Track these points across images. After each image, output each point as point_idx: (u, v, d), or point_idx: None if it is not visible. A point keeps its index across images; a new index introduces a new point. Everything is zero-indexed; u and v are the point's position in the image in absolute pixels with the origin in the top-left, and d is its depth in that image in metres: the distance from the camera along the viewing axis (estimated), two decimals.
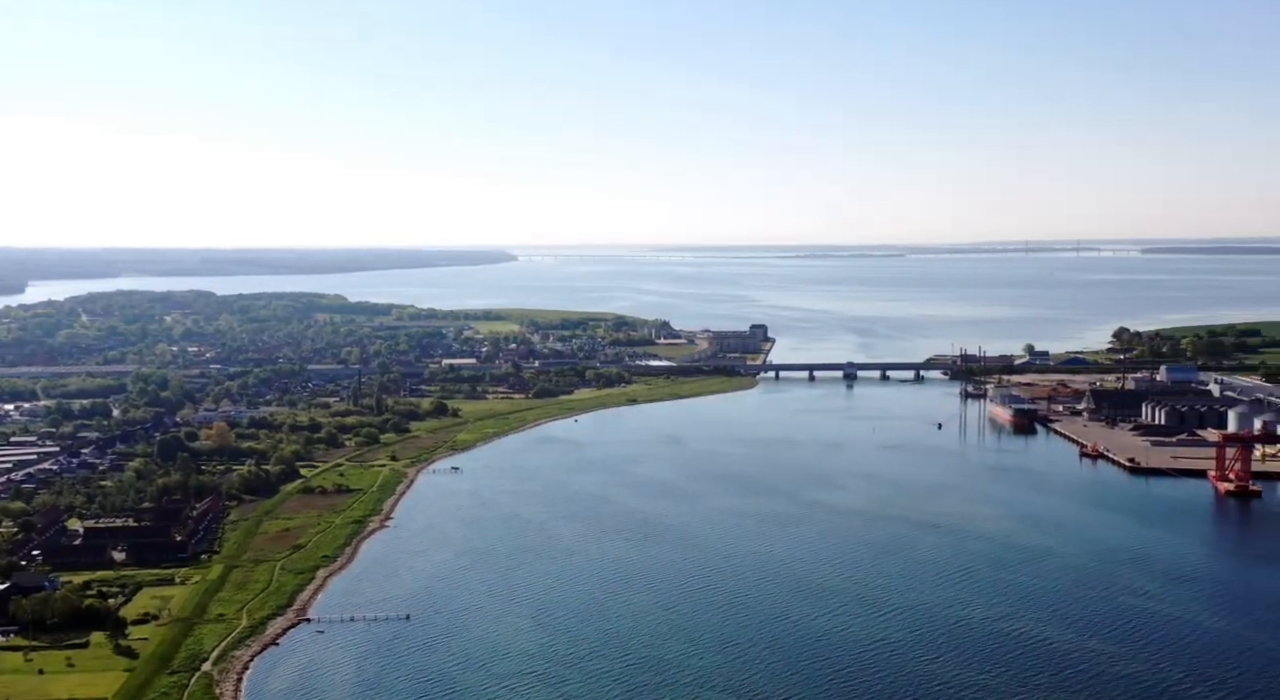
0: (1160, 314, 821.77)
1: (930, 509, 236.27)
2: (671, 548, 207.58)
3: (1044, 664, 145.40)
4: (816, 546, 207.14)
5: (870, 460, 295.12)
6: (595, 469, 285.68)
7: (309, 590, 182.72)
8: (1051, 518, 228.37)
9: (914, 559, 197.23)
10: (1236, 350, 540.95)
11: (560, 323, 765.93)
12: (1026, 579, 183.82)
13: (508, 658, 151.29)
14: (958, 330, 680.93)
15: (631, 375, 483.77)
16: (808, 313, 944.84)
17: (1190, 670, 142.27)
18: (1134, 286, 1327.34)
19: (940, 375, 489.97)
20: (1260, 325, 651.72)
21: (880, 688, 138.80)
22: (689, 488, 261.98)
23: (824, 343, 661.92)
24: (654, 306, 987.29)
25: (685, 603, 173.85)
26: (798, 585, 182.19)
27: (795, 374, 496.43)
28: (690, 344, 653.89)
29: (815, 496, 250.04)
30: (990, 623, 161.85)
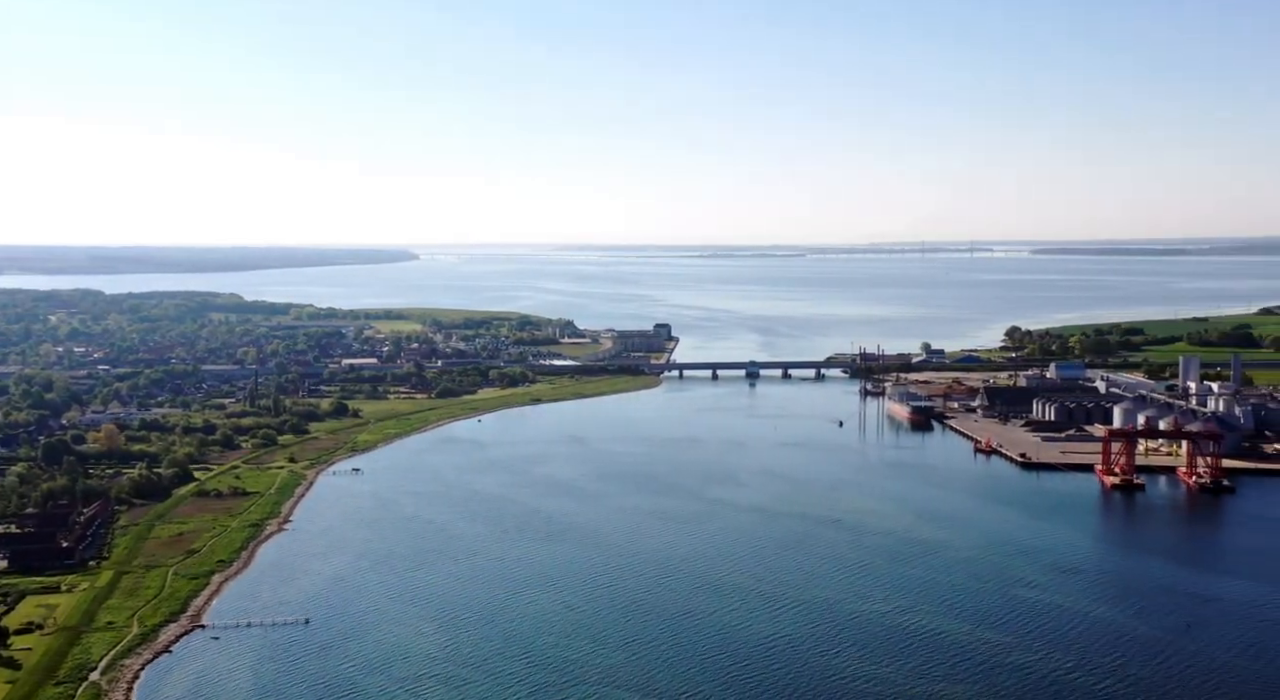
0: (1050, 313, 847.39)
1: (830, 505, 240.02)
2: (575, 547, 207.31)
3: (940, 655, 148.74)
4: (718, 543, 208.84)
5: (772, 458, 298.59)
6: (498, 469, 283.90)
7: (203, 596, 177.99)
8: (947, 512, 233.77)
9: (814, 554, 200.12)
10: (1121, 348, 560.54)
11: (463, 322, 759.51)
12: (923, 572, 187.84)
13: (409, 660, 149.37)
14: (857, 329, 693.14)
15: (536, 375, 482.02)
16: (711, 312, 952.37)
17: (1077, 658, 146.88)
18: (1025, 286, 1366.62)
19: (840, 373, 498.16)
20: (1143, 324, 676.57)
21: (781, 682, 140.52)
22: (592, 487, 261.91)
23: (727, 342, 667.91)
24: (558, 306, 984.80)
25: (588, 601, 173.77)
26: (700, 582, 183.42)
27: (698, 373, 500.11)
28: (595, 343, 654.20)
29: (718, 494, 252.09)
30: (888, 616, 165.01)
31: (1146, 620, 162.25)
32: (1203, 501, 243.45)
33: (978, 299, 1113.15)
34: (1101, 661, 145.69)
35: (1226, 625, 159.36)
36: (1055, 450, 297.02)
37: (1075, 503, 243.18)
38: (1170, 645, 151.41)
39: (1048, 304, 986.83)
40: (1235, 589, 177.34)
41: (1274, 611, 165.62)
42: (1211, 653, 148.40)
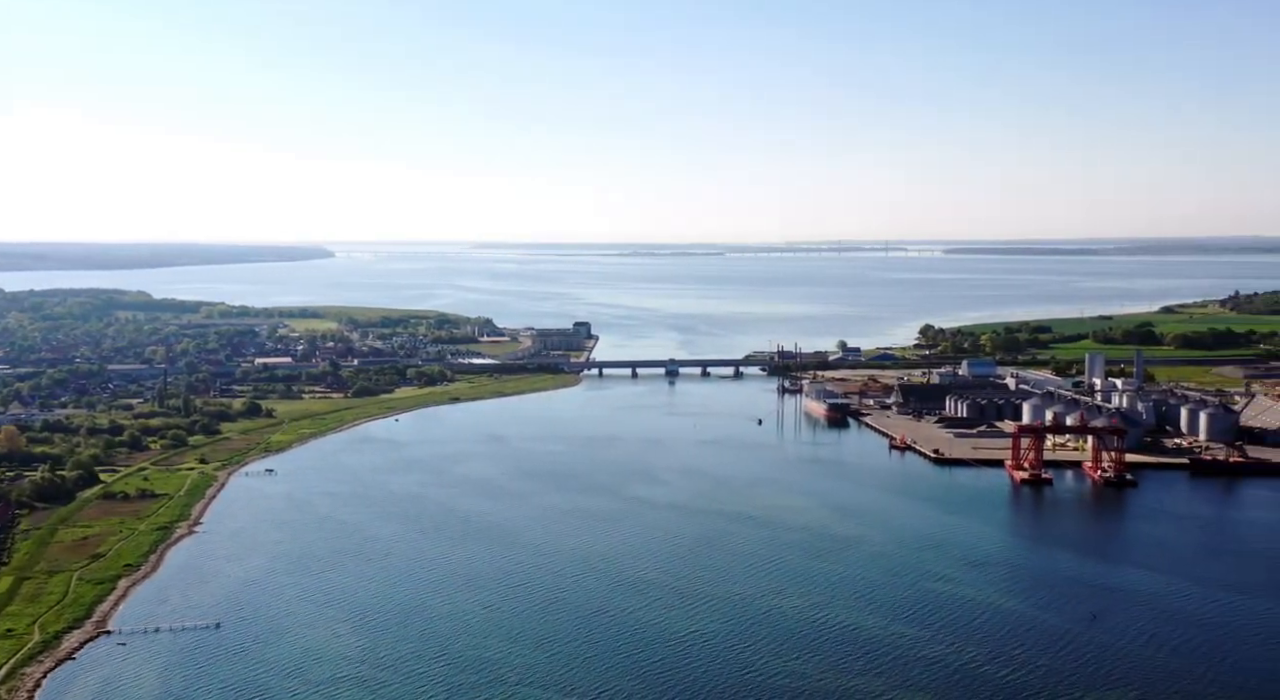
0: (962, 312, 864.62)
1: (748, 502, 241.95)
2: (492, 546, 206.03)
3: (855, 649, 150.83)
4: (636, 541, 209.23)
5: (690, 455, 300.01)
6: (416, 468, 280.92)
7: (109, 601, 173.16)
8: (863, 508, 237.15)
9: (731, 551, 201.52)
10: (1030, 346, 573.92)
11: (380, 321, 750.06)
12: (839, 567, 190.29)
13: (324, 663, 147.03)
14: (775, 328, 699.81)
15: (454, 373, 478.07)
16: (630, 310, 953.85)
17: (988, 650, 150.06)
18: (938, 286, 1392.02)
19: (759, 371, 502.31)
20: (1051, 322, 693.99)
21: (697, 678, 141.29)
22: (511, 486, 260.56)
23: (646, 340, 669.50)
24: (477, 304, 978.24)
25: (506, 601, 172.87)
26: (617, 580, 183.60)
27: (618, 371, 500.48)
28: (514, 341, 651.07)
29: (636, 492, 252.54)
30: (804, 611, 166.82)
31: (1053, 611, 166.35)
32: (1107, 495, 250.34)
33: (892, 298, 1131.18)
34: (1010, 652, 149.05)
35: (1128, 615, 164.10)
36: (967, 446, 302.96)
37: (986, 497, 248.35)
38: (1076, 635, 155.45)
39: (960, 303, 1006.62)
40: (1137, 579, 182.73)
41: (1172, 601, 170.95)
42: (1114, 642, 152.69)
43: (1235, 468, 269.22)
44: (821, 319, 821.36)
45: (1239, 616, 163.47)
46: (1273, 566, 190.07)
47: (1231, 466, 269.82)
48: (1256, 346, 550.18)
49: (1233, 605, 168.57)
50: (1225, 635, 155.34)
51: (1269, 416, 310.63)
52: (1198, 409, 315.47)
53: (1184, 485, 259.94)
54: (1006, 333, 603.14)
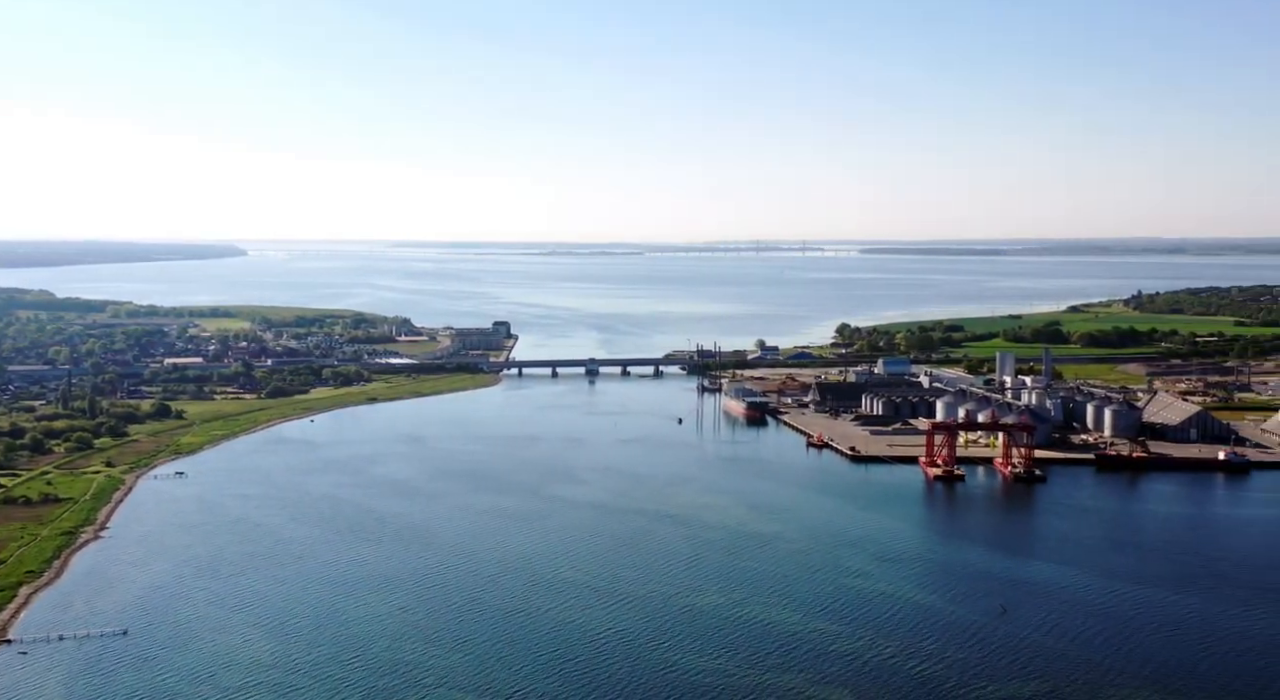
0: (878, 311, 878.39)
1: (667, 500, 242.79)
2: (409, 547, 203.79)
3: (772, 645, 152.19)
4: (556, 540, 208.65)
5: (611, 454, 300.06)
6: (332, 470, 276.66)
7: (10, 609, 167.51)
8: (781, 505, 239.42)
9: (651, 550, 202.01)
10: (943, 344, 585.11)
11: (295, 320, 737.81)
12: (757, 564, 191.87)
13: (236, 669, 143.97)
14: (694, 326, 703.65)
15: (371, 374, 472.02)
16: (550, 310, 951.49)
17: (902, 644, 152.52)
18: (854, 285, 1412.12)
19: (679, 370, 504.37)
20: (963, 321, 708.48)
21: (615, 676, 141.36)
22: (429, 486, 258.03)
23: (566, 339, 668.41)
24: (394, 303, 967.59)
25: (423, 602, 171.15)
26: (536, 580, 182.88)
27: (538, 371, 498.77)
28: (432, 341, 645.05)
29: (556, 491, 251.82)
30: (723, 608, 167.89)
31: (965, 604, 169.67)
32: (1017, 490, 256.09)
33: (810, 297, 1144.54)
34: (923, 646, 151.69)
35: (1036, 607, 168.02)
36: (883, 443, 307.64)
37: (901, 493, 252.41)
38: (986, 628, 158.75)
39: (876, 302, 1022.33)
40: (1045, 572, 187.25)
41: (1077, 593, 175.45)
42: (1023, 634, 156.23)
43: (1138, 463, 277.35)
44: (740, 318, 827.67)
45: (1140, 607, 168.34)
46: (1172, 558, 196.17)
47: (1135, 461, 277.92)
48: (1158, 345, 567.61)
49: (1134, 596, 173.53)
50: (1127, 625, 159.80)
51: (1170, 413, 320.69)
52: (1103, 406, 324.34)
53: (1090, 480, 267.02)
54: (921, 332, 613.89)
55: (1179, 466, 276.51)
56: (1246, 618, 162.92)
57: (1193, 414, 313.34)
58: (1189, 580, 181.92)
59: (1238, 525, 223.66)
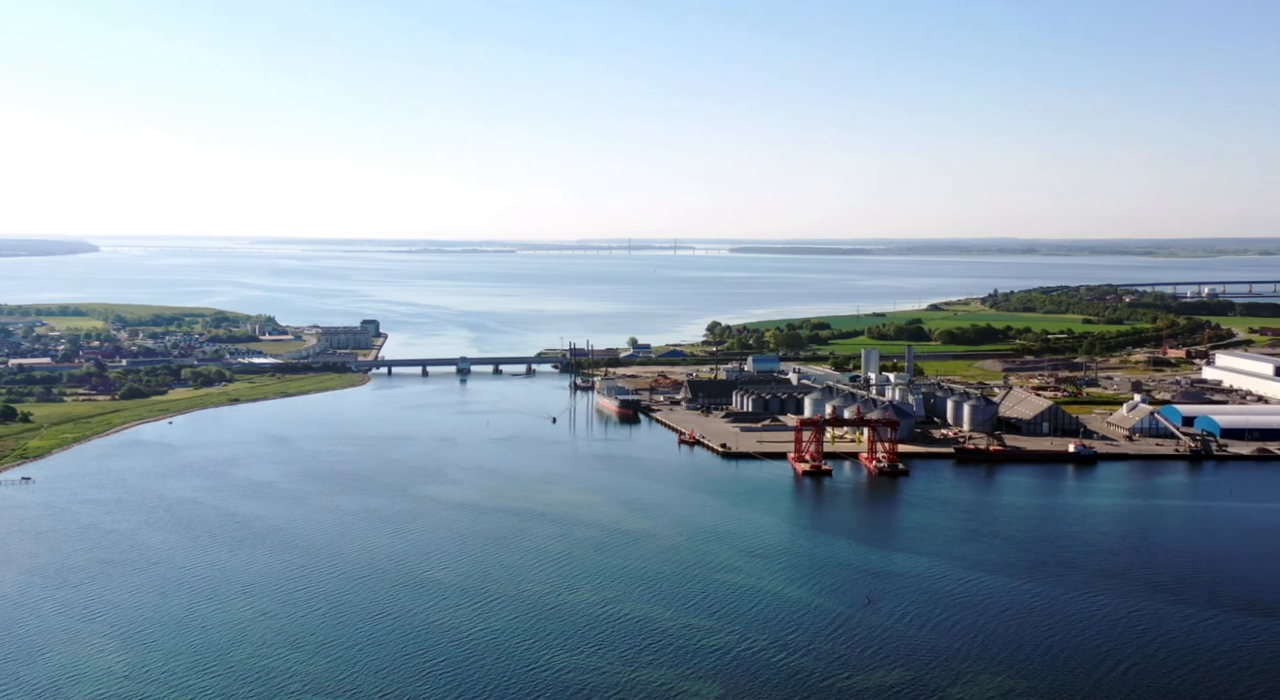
0: (747, 309, 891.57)
1: (539, 499, 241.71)
2: (272, 551, 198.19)
3: (645, 641, 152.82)
4: (426, 541, 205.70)
5: (483, 453, 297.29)
6: (191, 473, 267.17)
7: None
8: (653, 502, 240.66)
9: (523, 548, 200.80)
10: (811, 342, 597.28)
11: (152, 319, 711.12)
12: (629, 562, 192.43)
13: (89, 681, 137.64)
14: (567, 324, 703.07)
15: (234, 374, 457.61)
16: (420, 308, 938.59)
17: (771, 637, 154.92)
18: (724, 283, 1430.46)
19: (551, 369, 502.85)
20: (830, 319, 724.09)
21: (487, 676, 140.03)
22: (294, 488, 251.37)
23: (437, 338, 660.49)
24: (258, 301, 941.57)
25: (286, 607, 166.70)
26: (404, 580, 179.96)
27: (408, 370, 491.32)
28: (298, 340, 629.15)
29: (426, 491, 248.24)
30: (596, 606, 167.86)
31: (832, 596, 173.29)
32: (881, 484, 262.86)
33: (681, 295, 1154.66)
34: (791, 638, 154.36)
35: (900, 597, 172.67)
36: (753, 439, 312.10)
37: (770, 489, 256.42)
38: (852, 619, 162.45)
39: (745, 300, 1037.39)
40: (907, 563, 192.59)
41: (937, 582, 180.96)
42: (887, 624, 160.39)
43: (995, 456, 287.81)
44: (613, 316, 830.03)
45: (994, 594, 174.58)
46: (1024, 546, 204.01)
47: (991, 455, 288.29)
48: (1013, 342, 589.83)
49: (989, 584, 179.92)
50: (982, 612, 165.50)
51: (1023, 407, 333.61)
52: (962, 401, 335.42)
53: (950, 473, 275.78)
54: (789, 329, 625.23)
55: (1032, 459, 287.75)
56: (1088, 601, 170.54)
57: (1045, 408, 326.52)
58: (1039, 567, 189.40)
59: (1084, 514, 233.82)
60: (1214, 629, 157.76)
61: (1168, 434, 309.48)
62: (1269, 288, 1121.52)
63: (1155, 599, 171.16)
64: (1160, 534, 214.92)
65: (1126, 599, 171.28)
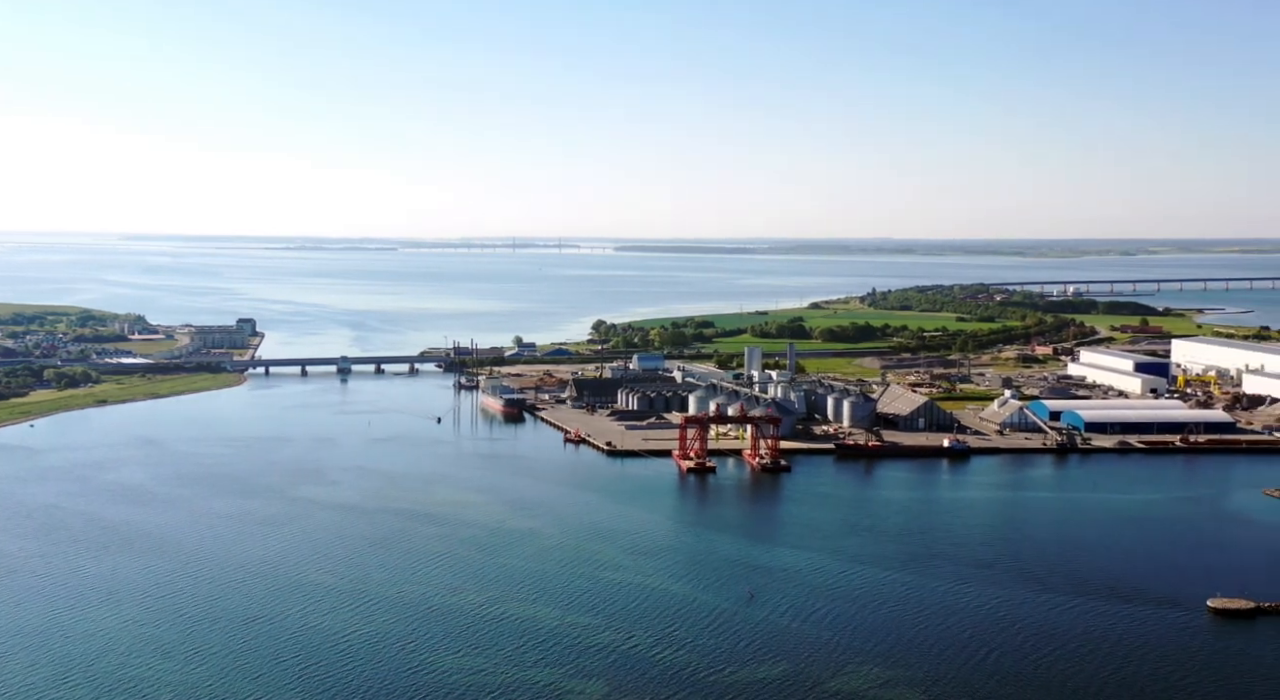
0: (632, 307, 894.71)
1: (423, 499, 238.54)
2: (140, 557, 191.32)
3: (531, 641, 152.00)
4: (304, 543, 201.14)
5: (364, 454, 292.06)
6: (53, 477, 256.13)
7: None
8: (538, 501, 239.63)
9: (405, 550, 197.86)
10: (695, 340, 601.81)
11: (12, 317, 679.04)
12: (514, 561, 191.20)
13: None
14: (451, 323, 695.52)
15: (101, 374, 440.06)
16: (298, 306, 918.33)
17: (657, 634, 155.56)
18: (609, 282, 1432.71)
19: (435, 368, 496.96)
20: (713, 317, 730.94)
21: (367, 680, 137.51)
22: (164, 492, 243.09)
23: (317, 337, 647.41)
24: (127, 300, 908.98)
25: (154, 614, 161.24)
26: (281, 584, 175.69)
27: (286, 369, 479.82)
28: (170, 340, 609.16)
29: (304, 493, 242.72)
30: (482, 607, 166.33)
31: (716, 592, 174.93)
32: (764, 480, 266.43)
33: (566, 294, 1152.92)
34: (676, 634, 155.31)
35: (781, 592, 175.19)
36: (638, 437, 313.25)
37: (655, 487, 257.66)
38: (736, 614, 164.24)
39: (630, 299, 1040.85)
40: (789, 558, 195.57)
41: (818, 577, 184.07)
42: (769, 618, 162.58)
43: (873, 451, 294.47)
44: (497, 315, 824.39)
45: (871, 586, 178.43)
46: (900, 540, 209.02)
47: (870, 450, 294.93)
48: (890, 339, 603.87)
49: (867, 576, 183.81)
50: (860, 604, 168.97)
51: (901, 404, 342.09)
52: (842, 398, 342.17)
53: (830, 468, 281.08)
54: (674, 328, 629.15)
55: (909, 454, 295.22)
56: (960, 591, 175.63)
57: (921, 404, 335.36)
58: (914, 559, 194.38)
59: (957, 507, 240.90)
60: (1076, 615, 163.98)
61: (1036, 428, 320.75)
62: (1129, 287, 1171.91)
63: (1023, 588, 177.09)
64: (1028, 525, 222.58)
65: (996, 588, 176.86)
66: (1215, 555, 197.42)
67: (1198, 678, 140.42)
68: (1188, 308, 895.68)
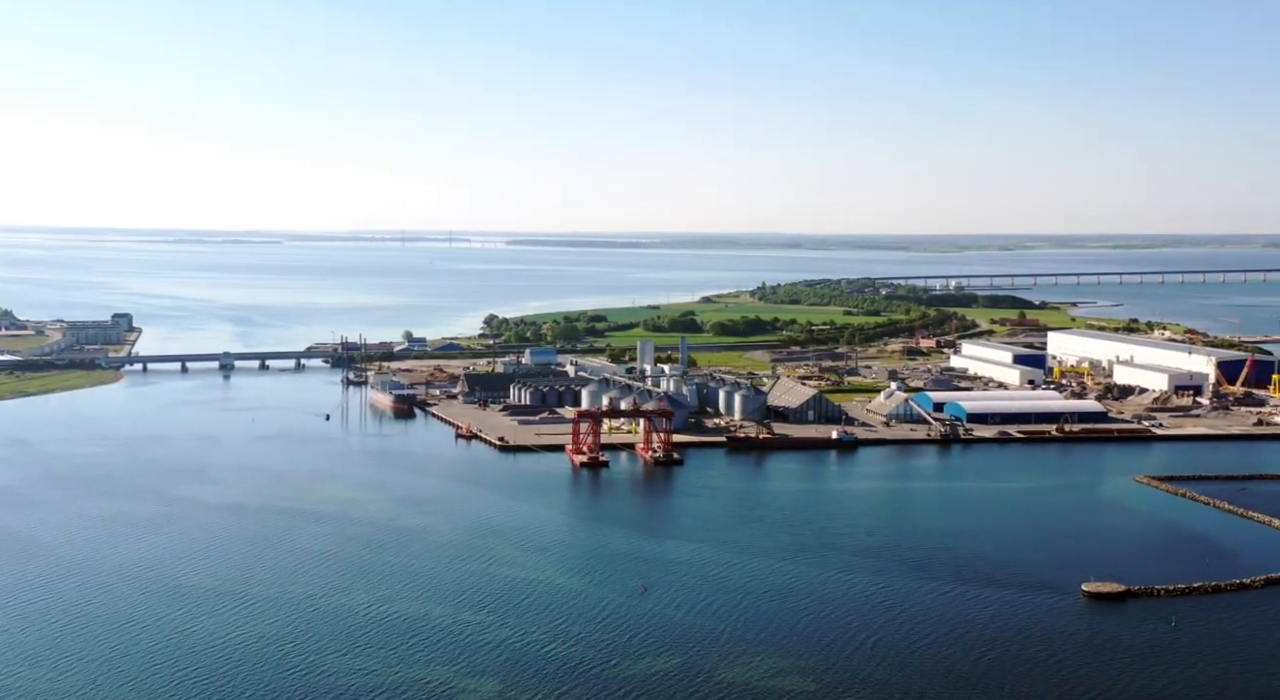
0: (525, 301, 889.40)
1: (309, 497, 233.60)
2: (5, 562, 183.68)
3: (423, 640, 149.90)
4: (182, 545, 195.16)
5: (249, 452, 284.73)
6: None
7: None
8: (429, 498, 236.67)
9: (290, 550, 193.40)
10: (588, 334, 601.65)
11: None
12: (406, 559, 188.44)
13: None
14: (338, 318, 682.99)
15: None
16: (179, 301, 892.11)
17: (551, 629, 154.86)
18: (501, 276, 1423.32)
19: (322, 364, 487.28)
20: (606, 311, 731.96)
21: (246, 682, 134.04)
22: (33, 493, 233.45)
23: (198, 332, 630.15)
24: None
25: (19, 621, 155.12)
26: (157, 587, 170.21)
27: (166, 366, 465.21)
28: (40, 335, 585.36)
29: (184, 493, 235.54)
30: (370, 607, 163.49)
31: (608, 586, 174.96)
32: (657, 474, 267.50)
33: (458, 288, 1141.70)
34: (569, 629, 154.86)
35: (674, 584, 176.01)
36: (530, 432, 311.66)
37: (549, 482, 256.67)
38: (628, 607, 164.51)
39: (523, 293, 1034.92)
40: (682, 550, 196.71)
41: (709, 567, 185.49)
42: (662, 611, 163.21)
43: (764, 444, 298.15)
44: (387, 309, 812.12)
45: (761, 577, 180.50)
46: (790, 530, 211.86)
47: (761, 442, 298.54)
48: (780, 333, 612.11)
49: (757, 567, 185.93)
50: (750, 595, 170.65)
51: (791, 396, 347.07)
52: (733, 391, 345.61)
53: (722, 461, 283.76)
54: (566, 322, 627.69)
55: (799, 446, 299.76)
56: (846, 580, 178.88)
57: (810, 397, 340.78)
58: (803, 550, 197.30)
59: (845, 498, 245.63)
60: (958, 601, 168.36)
61: (920, 420, 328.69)
62: (1007, 281, 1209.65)
63: (907, 576, 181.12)
64: (913, 514, 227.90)
65: (881, 577, 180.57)
66: (1089, 541, 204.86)
67: (1070, 659, 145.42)
68: (1062, 301, 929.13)
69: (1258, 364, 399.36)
